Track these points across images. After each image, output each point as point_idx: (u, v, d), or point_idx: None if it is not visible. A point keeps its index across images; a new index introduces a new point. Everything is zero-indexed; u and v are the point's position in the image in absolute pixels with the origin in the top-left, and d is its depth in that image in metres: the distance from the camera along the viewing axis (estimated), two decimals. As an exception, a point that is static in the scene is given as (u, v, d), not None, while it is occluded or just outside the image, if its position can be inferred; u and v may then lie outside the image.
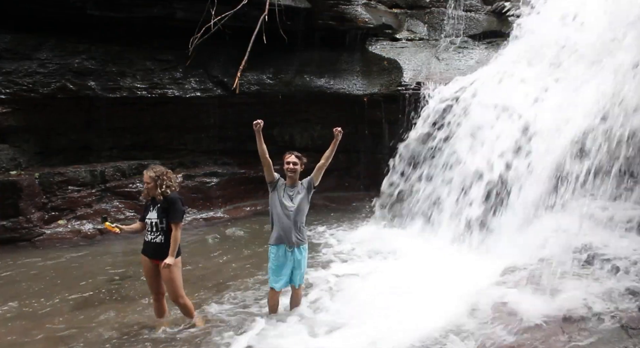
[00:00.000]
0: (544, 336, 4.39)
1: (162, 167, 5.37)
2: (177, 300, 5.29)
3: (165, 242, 5.14)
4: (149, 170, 5.25)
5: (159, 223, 5.15)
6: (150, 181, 5.16)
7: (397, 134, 9.69)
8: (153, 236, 5.18)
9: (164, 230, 5.16)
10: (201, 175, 10.23)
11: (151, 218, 5.19)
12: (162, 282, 5.27)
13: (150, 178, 5.16)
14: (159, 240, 5.16)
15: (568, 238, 5.99)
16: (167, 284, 5.22)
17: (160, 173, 5.20)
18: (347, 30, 10.42)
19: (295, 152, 5.41)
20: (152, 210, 5.21)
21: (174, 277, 5.17)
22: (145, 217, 5.27)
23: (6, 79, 8.62)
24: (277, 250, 5.30)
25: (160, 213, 5.15)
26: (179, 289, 5.25)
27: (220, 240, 8.71)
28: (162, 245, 5.14)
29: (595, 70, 7.29)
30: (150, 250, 5.21)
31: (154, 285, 5.32)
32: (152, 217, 5.19)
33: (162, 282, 5.27)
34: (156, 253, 5.17)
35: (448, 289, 5.91)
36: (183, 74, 9.88)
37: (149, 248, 5.22)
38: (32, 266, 7.32)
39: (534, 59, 8.73)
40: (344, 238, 8.60)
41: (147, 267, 5.28)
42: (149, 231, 5.20)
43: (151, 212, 5.21)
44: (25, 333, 5.31)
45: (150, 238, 5.19)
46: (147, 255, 5.25)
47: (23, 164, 8.97)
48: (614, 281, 5.11)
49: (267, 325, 5.32)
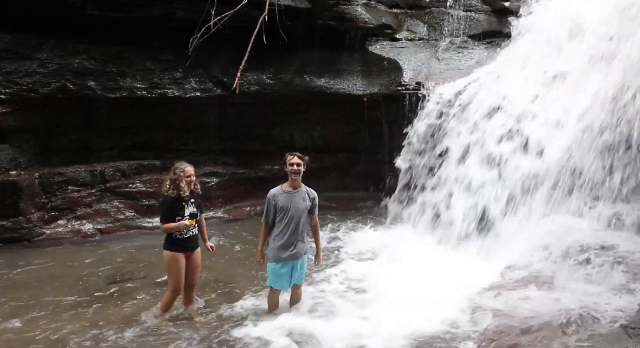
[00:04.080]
0: (544, 336, 4.39)
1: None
2: (195, 285, 5.65)
3: (197, 232, 5.53)
4: (185, 164, 5.43)
5: (198, 216, 5.48)
6: (193, 176, 5.38)
7: (397, 133, 9.69)
8: (194, 230, 5.44)
9: (197, 222, 5.50)
10: (201, 175, 10.17)
11: (193, 214, 5.37)
12: (194, 273, 5.51)
13: (193, 173, 5.38)
14: (197, 232, 5.52)
15: (568, 238, 5.99)
16: (199, 269, 5.61)
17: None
18: (347, 30, 10.41)
19: (297, 153, 5.27)
20: (189, 207, 5.37)
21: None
22: (182, 214, 5.31)
23: (6, 79, 8.62)
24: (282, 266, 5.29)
25: (197, 206, 5.48)
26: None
27: (220, 240, 8.70)
28: (197, 236, 5.56)
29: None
30: (191, 243, 5.44)
31: (184, 279, 5.46)
32: (192, 212, 5.38)
33: (194, 273, 5.51)
34: (194, 244, 5.50)
35: (448, 289, 5.92)
36: (183, 74, 9.87)
37: (190, 243, 5.43)
38: (32, 266, 7.31)
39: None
40: (343, 238, 8.61)
41: (182, 262, 5.40)
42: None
43: (188, 208, 5.36)
44: (25, 333, 5.31)
45: (192, 233, 5.41)
46: (186, 249, 5.41)
47: (23, 164, 8.96)
48: (614, 281, 5.11)
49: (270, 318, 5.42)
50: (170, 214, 5.29)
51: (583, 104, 7.06)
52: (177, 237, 5.32)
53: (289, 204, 5.18)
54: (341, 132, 11.15)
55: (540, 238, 6.29)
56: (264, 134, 10.94)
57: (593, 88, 7.07)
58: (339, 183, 11.13)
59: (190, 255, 5.46)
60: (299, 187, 5.28)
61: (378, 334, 5.06)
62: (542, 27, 9.22)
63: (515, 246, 6.60)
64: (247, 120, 10.62)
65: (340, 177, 11.23)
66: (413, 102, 9.60)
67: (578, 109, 7.11)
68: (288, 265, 5.28)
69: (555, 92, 7.85)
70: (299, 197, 5.23)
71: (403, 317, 5.35)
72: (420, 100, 9.51)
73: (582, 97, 7.19)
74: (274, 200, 5.21)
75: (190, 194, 5.38)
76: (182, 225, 5.25)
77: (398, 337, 5.01)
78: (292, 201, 5.20)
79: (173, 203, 5.30)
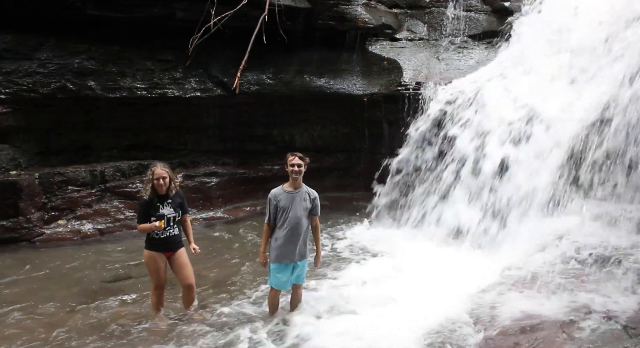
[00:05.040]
0: (544, 336, 4.39)
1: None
2: (193, 283, 5.62)
3: (179, 233, 5.50)
4: (159, 166, 5.40)
5: (176, 217, 5.44)
6: (167, 176, 5.35)
7: (397, 133, 9.69)
8: (172, 230, 5.40)
9: (179, 222, 5.48)
10: (201, 175, 10.22)
11: (167, 214, 5.34)
12: (183, 272, 5.50)
13: (167, 173, 5.36)
14: (176, 232, 5.46)
15: (568, 238, 6.00)
16: (187, 268, 5.53)
17: (170, 169, 5.45)
18: (347, 30, 10.41)
19: (298, 153, 5.22)
20: (165, 207, 5.35)
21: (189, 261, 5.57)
22: (154, 215, 5.30)
23: (6, 79, 8.62)
24: (284, 267, 5.29)
25: (175, 207, 5.41)
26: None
27: (220, 239, 8.71)
28: (179, 236, 5.50)
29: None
30: (170, 243, 5.42)
31: (163, 277, 5.48)
32: (167, 213, 5.35)
33: (183, 272, 5.50)
34: (175, 245, 5.46)
35: (448, 289, 5.91)
36: (183, 74, 9.87)
37: (167, 243, 5.41)
38: (32, 266, 7.31)
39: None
40: (343, 238, 8.60)
41: (160, 262, 5.40)
42: (166, 227, 5.34)
43: (163, 209, 5.34)
44: (25, 333, 5.31)
45: (169, 233, 5.38)
46: (165, 249, 5.41)
47: (23, 164, 8.97)
48: (614, 281, 5.11)
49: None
50: (144, 215, 5.34)
51: (585, 103, 7.07)
52: (153, 237, 5.38)
53: (289, 204, 5.18)
54: (341, 132, 11.16)
55: (541, 238, 6.29)
56: (264, 134, 10.94)
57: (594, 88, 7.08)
58: (338, 183, 11.15)
59: (171, 255, 5.45)
60: (300, 187, 5.27)
61: (378, 334, 5.05)
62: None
63: (515, 246, 6.61)
64: (247, 120, 10.62)
65: (340, 177, 11.24)
66: (412, 102, 9.60)
67: (580, 107, 7.11)
68: (289, 266, 5.27)
69: (560, 89, 7.85)
70: (300, 198, 5.22)
71: (403, 317, 5.35)
72: (420, 100, 9.51)
73: (584, 95, 7.20)
74: (275, 200, 5.21)
75: (167, 194, 5.36)
76: (150, 227, 5.28)
77: (398, 337, 5.00)
78: (293, 201, 5.19)
79: (146, 205, 5.35)
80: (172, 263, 5.48)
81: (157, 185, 5.29)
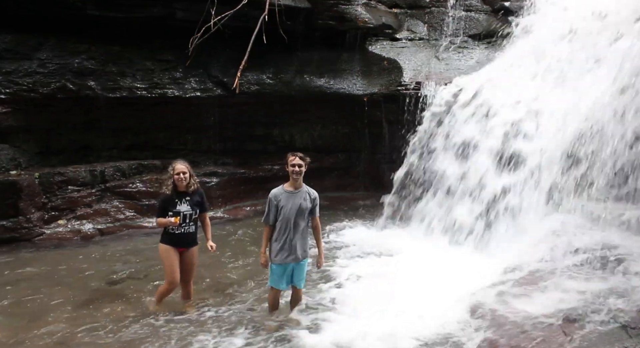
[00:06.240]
0: (544, 336, 4.39)
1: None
2: (191, 281, 5.81)
3: (195, 230, 5.63)
4: (179, 162, 5.55)
5: (193, 215, 5.55)
6: (187, 171, 5.48)
7: (397, 133, 9.69)
8: (187, 227, 5.51)
9: (195, 220, 5.60)
10: (201, 175, 10.18)
11: (184, 211, 5.46)
12: (188, 270, 5.64)
13: (187, 169, 5.49)
14: (192, 230, 5.58)
15: (568, 238, 5.99)
16: (193, 269, 5.72)
17: (189, 165, 5.58)
18: (347, 30, 10.42)
19: (298, 153, 5.20)
20: (182, 204, 5.48)
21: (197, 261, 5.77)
22: (171, 210, 5.43)
23: (6, 79, 8.63)
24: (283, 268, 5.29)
25: (193, 205, 5.53)
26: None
27: (220, 239, 8.68)
28: (195, 234, 5.63)
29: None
30: (184, 240, 5.55)
31: (177, 277, 5.59)
32: (184, 210, 5.47)
33: (188, 270, 5.64)
34: (189, 242, 5.60)
35: (448, 289, 5.91)
36: (183, 74, 9.88)
37: (181, 239, 5.52)
38: (32, 266, 7.31)
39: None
40: (343, 238, 8.60)
41: (173, 255, 5.52)
42: (181, 223, 5.46)
43: (181, 205, 5.47)
44: (25, 333, 5.30)
45: (184, 230, 5.48)
46: (178, 245, 5.53)
47: (23, 164, 8.97)
48: (614, 281, 5.10)
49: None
50: (162, 210, 5.52)
51: (586, 102, 7.07)
52: (169, 231, 5.53)
53: (290, 204, 5.17)
54: (341, 132, 11.16)
55: (541, 238, 6.29)
56: (264, 134, 10.95)
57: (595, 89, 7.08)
58: (339, 183, 11.15)
59: (183, 251, 5.60)
60: (301, 187, 5.27)
61: (378, 334, 5.05)
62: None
63: (516, 246, 6.60)
64: (247, 120, 10.63)
65: (340, 177, 11.25)
66: (413, 102, 9.60)
67: (582, 106, 7.11)
68: (289, 266, 5.27)
69: (560, 90, 7.86)
70: (300, 198, 5.21)
71: (403, 316, 5.35)
72: (420, 100, 9.51)
73: (585, 94, 7.20)
74: (276, 200, 5.20)
75: (186, 192, 5.51)
76: (166, 222, 5.42)
77: (398, 337, 5.00)
78: (294, 201, 5.19)
79: (165, 200, 5.52)
80: (182, 260, 5.60)
81: (177, 179, 5.45)
